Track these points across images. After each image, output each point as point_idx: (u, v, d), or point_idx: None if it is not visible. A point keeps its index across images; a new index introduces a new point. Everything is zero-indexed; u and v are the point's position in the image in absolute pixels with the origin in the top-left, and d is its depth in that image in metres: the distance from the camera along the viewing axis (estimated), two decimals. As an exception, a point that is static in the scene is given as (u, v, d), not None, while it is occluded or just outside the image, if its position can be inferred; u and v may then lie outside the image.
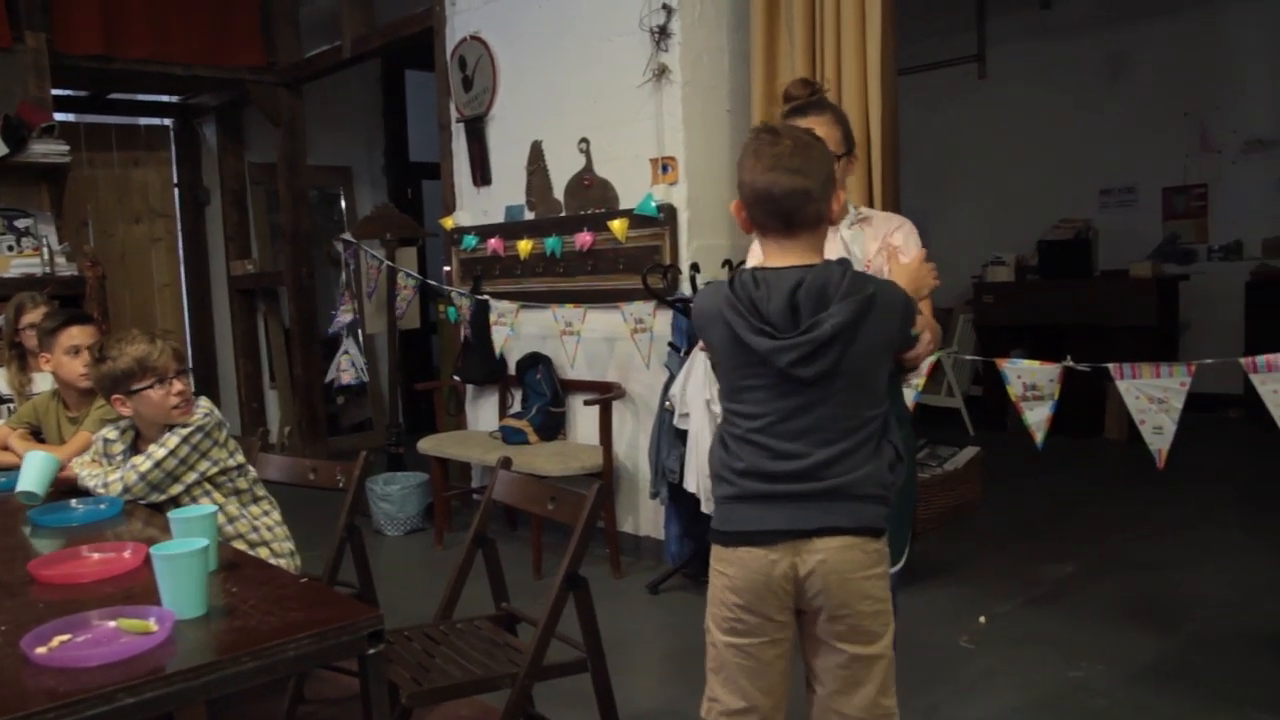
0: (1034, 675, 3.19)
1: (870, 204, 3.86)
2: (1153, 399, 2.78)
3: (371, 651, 1.66)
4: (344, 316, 5.68)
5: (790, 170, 1.75)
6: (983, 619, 3.64)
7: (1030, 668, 3.24)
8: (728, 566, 1.82)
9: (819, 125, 2.15)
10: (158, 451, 2.57)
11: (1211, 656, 3.29)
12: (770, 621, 1.81)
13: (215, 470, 2.65)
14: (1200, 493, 5.25)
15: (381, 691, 1.70)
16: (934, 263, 2.24)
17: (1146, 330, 6.61)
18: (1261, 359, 2.63)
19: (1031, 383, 2.96)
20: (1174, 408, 2.75)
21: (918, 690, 3.09)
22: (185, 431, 2.59)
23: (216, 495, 2.67)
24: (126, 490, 2.54)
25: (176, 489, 2.59)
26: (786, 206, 1.76)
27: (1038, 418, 2.96)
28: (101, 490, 2.56)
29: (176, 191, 7.49)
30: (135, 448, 2.71)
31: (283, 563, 2.74)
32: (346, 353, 5.67)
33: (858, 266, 2.12)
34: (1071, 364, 2.99)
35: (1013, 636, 3.50)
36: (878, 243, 2.33)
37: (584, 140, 4.68)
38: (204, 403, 2.70)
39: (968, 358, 6.70)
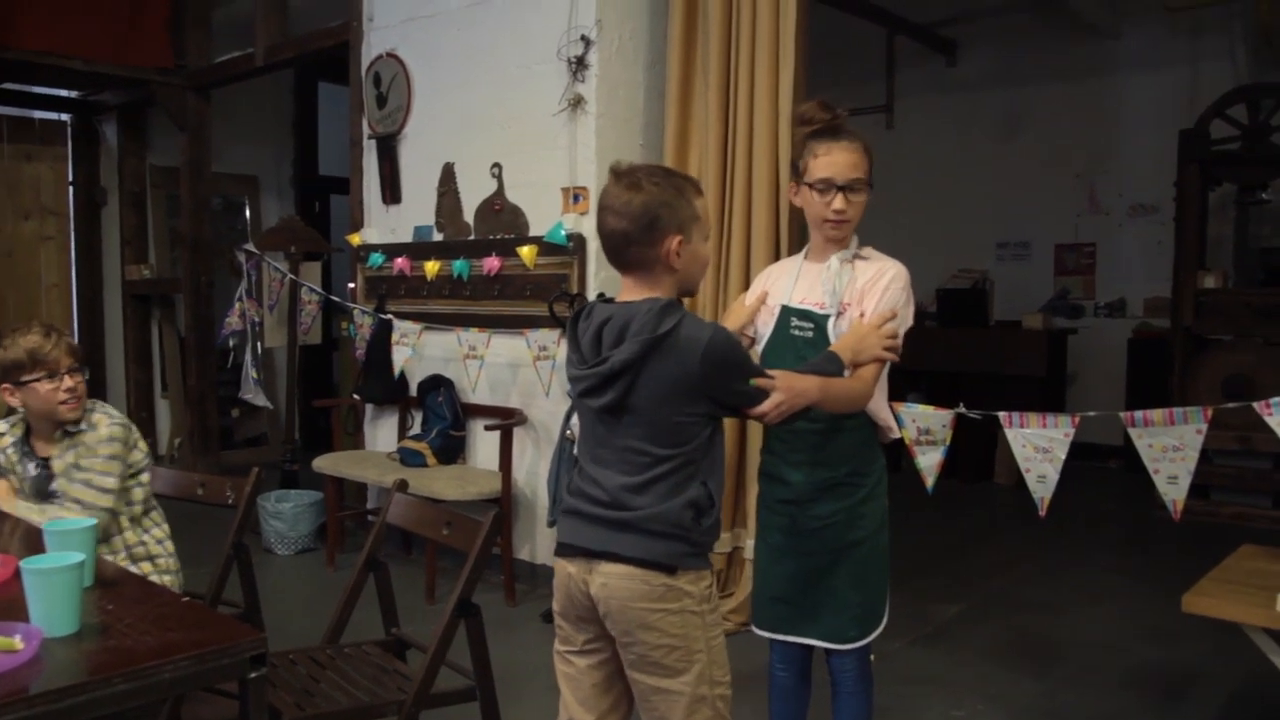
0: (919, 714, 3.25)
1: (776, 246, 3.93)
2: (1038, 448, 2.88)
3: (253, 675, 1.62)
4: (233, 323, 5.56)
5: (613, 212, 1.83)
6: (871, 658, 3.69)
7: (916, 706, 3.30)
8: (554, 576, 1.97)
9: (851, 152, 2.20)
10: (102, 465, 2.62)
11: (1083, 694, 3.41)
12: (580, 633, 1.93)
13: (129, 471, 2.68)
14: (1080, 537, 5.45)
15: (262, 717, 1.66)
16: (896, 330, 2.16)
17: (1036, 380, 6.85)
18: (1139, 414, 2.75)
19: (925, 427, 3.04)
20: (1057, 457, 2.86)
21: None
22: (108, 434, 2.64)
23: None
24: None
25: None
26: (610, 246, 1.87)
27: (930, 462, 3.04)
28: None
29: (71, 190, 7.23)
30: (27, 442, 2.63)
31: (166, 580, 2.66)
32: (253, 367, 5.57)
33: (833, 303, 2.22)
34: (964, 411, 3.08)
35: (900, 675, 3.56)
36: (863, 280, 2.24)
37: (496, 165, 4.67)
38: (105, 408, 2.70)
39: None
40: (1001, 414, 2.93)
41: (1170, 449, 2.68)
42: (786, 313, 2.29)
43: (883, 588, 2.37)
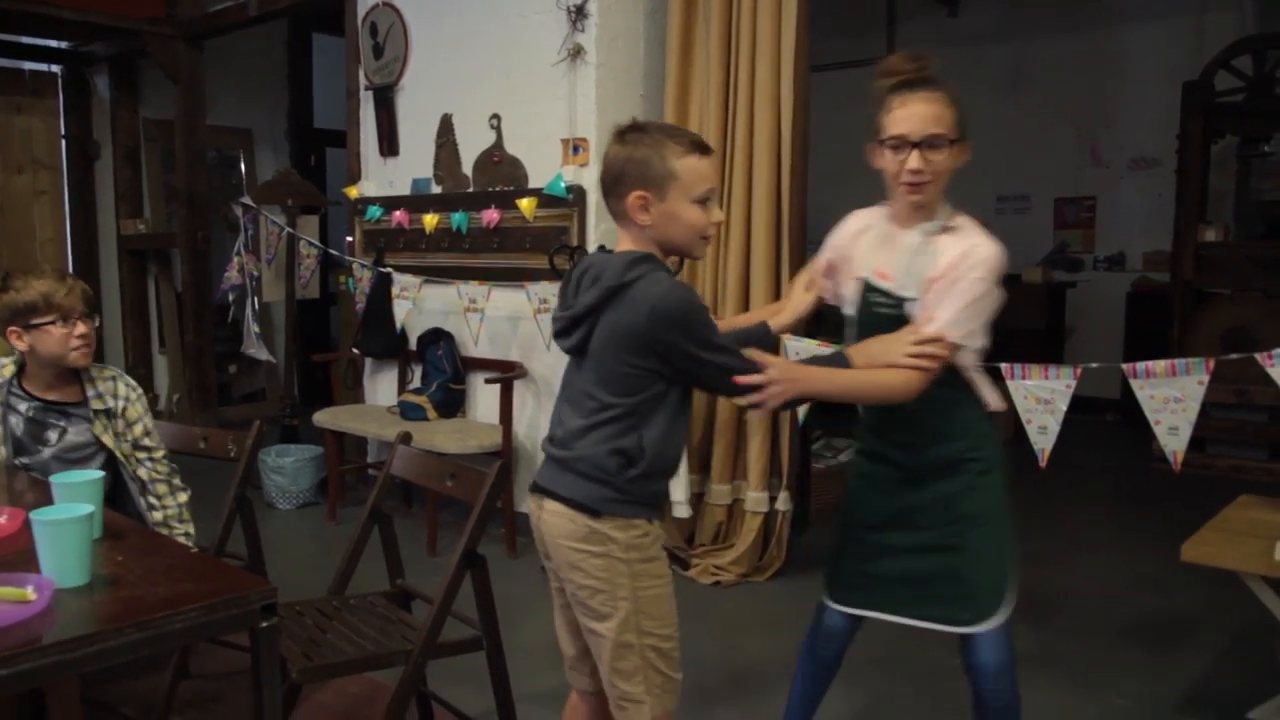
0: (915, 663, 3.28)
1: (778, 198, 3.91)
2: (1040, 399, 2.88)
3: (264, 625, 1.63)
4: (232, 277, 5.55)
5: (604, 163, 1.91)
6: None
7: (912, 655, 3.33)
8: None
9: (930, 103, 1.98)
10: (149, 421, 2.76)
11: (1080, 644, 3.45)
12: (550, 570, 2.00)
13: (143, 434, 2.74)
14: (1078, 490, 5.49)
15: (274, 666, 1.67)
16: (941, 347, 1.95)
17: (1036, 333, 6.85)
18: (1141, 365, 2.75)
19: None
20: (1059, 409, 2.87)
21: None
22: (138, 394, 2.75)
23: (143, 471, 2.72)
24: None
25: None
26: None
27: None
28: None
29: (64, 143, 7.15)
30: (19, 382, 2.62)
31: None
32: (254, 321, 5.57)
33: (914, 281, 2.00)
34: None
35: (898, 629, 3.59)
36: (947, 258, 1.99)
37: (495, 116, 4.63)
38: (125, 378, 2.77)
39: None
40: (1003, 365, 2.92)
41: (1171, 400, 2.68)
42: (868, 287, 2.11)
43: (1004, 568, 2.14)
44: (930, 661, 3.23)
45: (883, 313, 2.06)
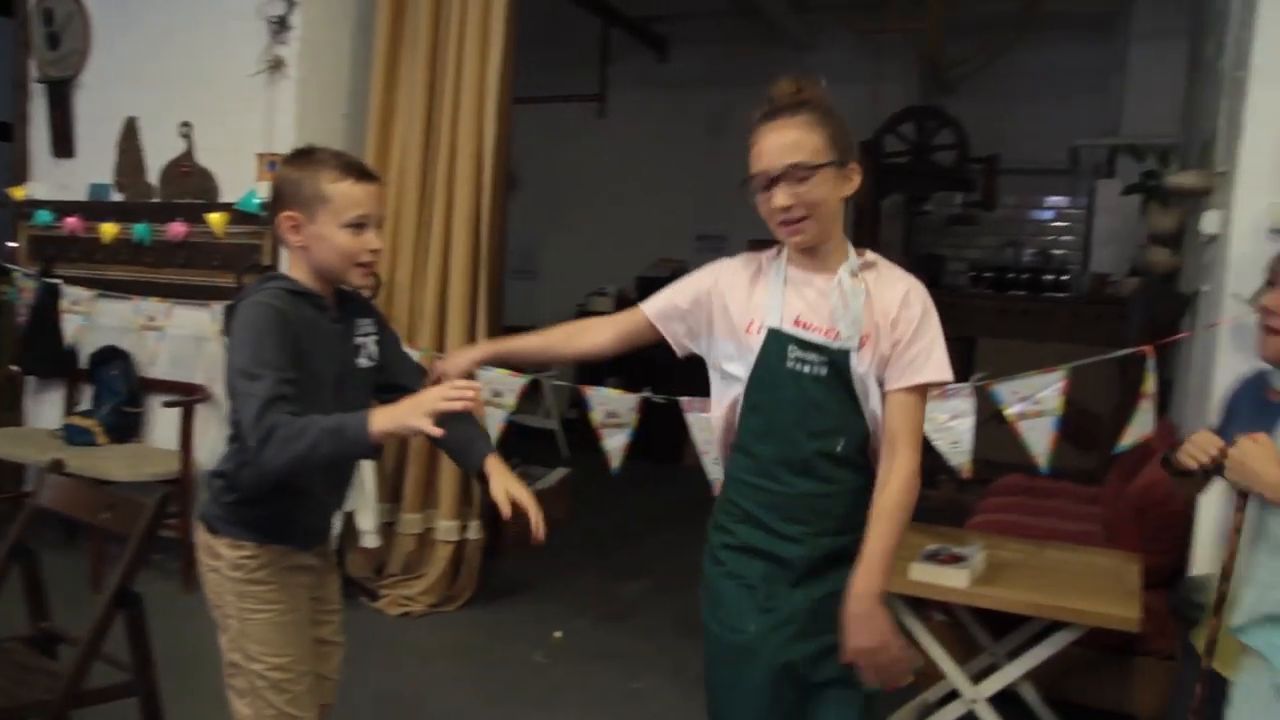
0: (599, 688, 3.38)
1: (477, 224, 3.93)
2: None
3: None
4: None
5: None
6: (558, 634, 3.81)
7: (597, 681, 3.43)
8: None
9: (786, 130, 1.74)
10: None
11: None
12: None
13: None
14: None
15: None
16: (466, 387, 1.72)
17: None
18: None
19: (612, 410, 3.15)
20: (731, 441, 3.05)
21: (493, 703, 3.20)
22: None
23: None
24: None
25: None
26: None
27: (616, 444, 3.16)
28: None
29: None
30: None
31: None
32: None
33: (854, 332, 1.74)
34: (649, 395, 3.23)
35: (585, 651, 3.68)
36: (883, 304, 1.77)
37: (186, 124, 4.37)
38: None
39: (560, 383, 6.98)
40: (682, 399, 3.08)
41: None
42: (780, 340, 1.77)
43: None
44: None
45: (803, 372, 1.76)
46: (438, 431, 1.65)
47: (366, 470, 3.89)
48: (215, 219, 4.19)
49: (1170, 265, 4.46)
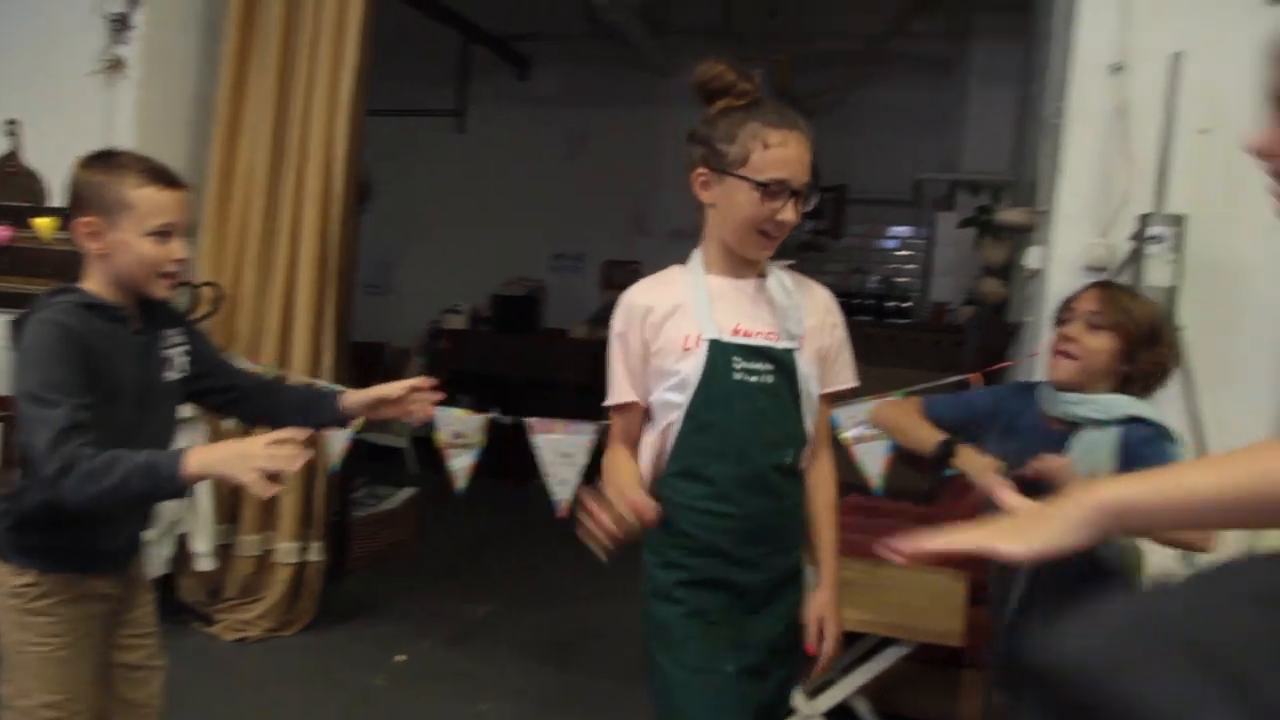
0: (443, 711, 3.33)
1: (325, 239, 3.85)
2: (562, 454, 3.07)
3: None
4: None
5: None
6: (401, 657, 3.74)
7: (441, 704, 3.38)
8: None
9: (806, 148, 1.69)
10: None
11: (599, 680, 3.67)
12: None
13: None
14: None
15: None
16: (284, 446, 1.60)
17: (582, 388, 7.27)
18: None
19: (459, 430, 3.13)
20: (579, 463, 3.07)
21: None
22: None
23: None
24: None
25: None
26: None
27: (462, 464, 3.13)
28: None
29: None
30: None
31: None
32: None
33: (796, 327, 1.74)
34: (496, 416, 3.22)
35: (429, 674, 3.62)
36: (811, 306, 1.80)
37: (13, 122, 4.14)
38: None
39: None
40: (529, 420, 3.08)
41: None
42: (724, 350, 1.71)
43: None
44: None
45: (751, 382, 1.71)
46: (268, 493, 1.55)
47: (203, 491, 3.74)
48: (42, 224, 3.97)
49: (1000, 296, 4.71)
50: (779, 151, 1.67)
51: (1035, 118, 4.18)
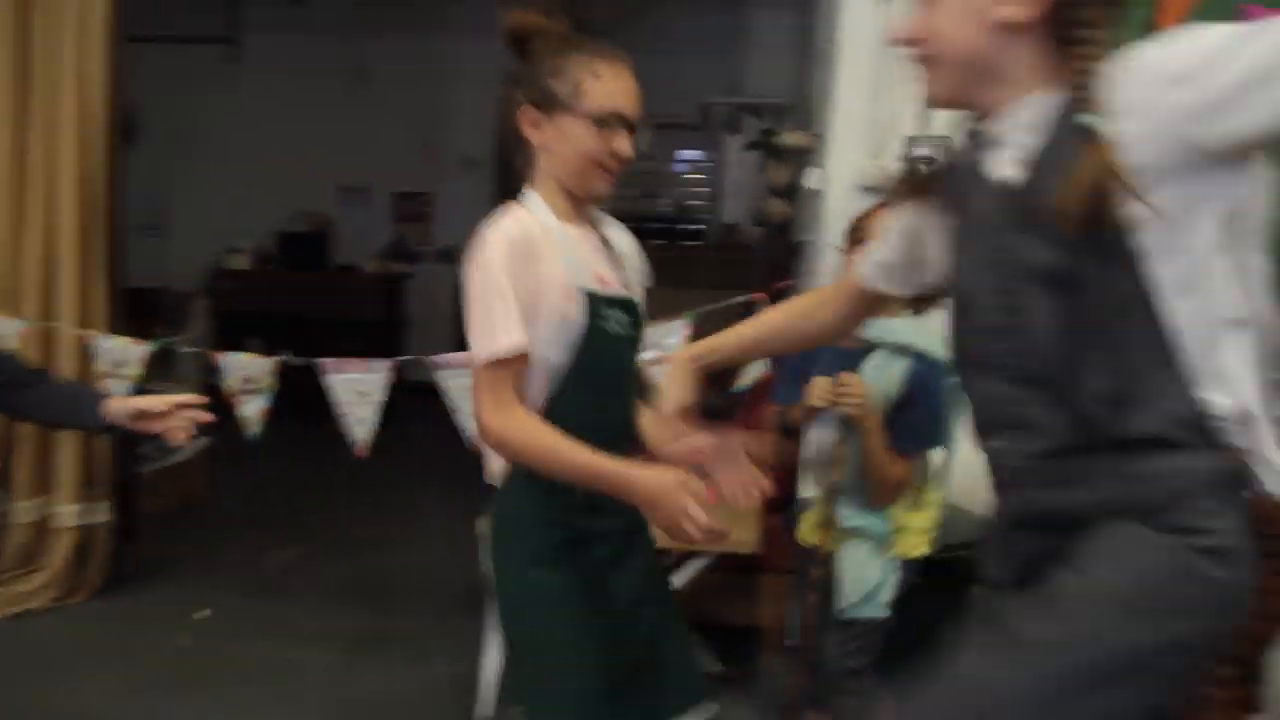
0: (254, 663, 3.26)
1: (85, 180, 3.58)
2: (358, 392, 3.01)
3: None
4: None
5: None
6: (204, 613, 3.62)
7: (251, 656, 3.31)
8: None
9: (632, 80, 1.67)
10: None
11: (414, 620, 3.67)
12: None
13: None
14: (410, 475, 5.70)
15: None
16: None
17: (376, 324, 7.12)
18: (446, 357, 3.01)
19: (248, 375, 3.02)
20: (375, 400, 3.02)
21: (134, 695, 3.01)
22: None
23: None
24: None
25: None
26: None
27: (254, 409, 3.03)
28: None
29: None
30: None
31: None
32: None
33: (637, 277, 1.75)
34: (286, 358, 3.11)
35: (236, 627, 3.53)
36: (628, 252, 1.81)
37: None
38: None
39: (189, 349, 6.56)
40: (322, 360, 3.01)
41: (470, 388, 2.95)
42: (596, 302, 1.65)
43: None
44: None
45: (620, 332, 1.67)
46: None
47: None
48: None
49: (785, 216, 4.89)
50: (611, 83, 1.64)
51: (814, 44, 4.32)
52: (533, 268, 1.61)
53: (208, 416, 1.95)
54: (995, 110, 1.25)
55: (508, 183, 6.12)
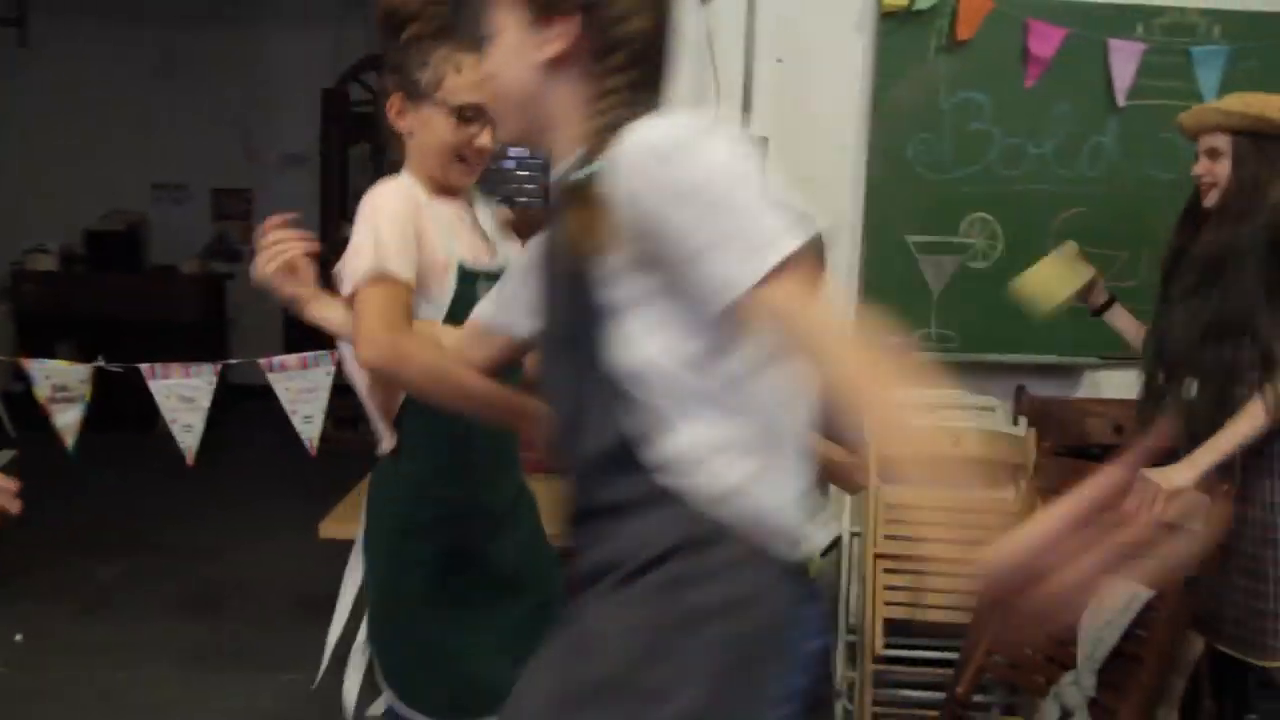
0: (85, 685, 3.13)
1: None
2: (183, 398, 2.91)
3: None
4: None
5: None
6: (19, 637, 3.44)
7: (81, 678, 3.18)
8: None
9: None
10: None
11: (255, 631, 3.60)
12: None
13: None
14: (243, 480, 5.56)
15: None
16: None
17: (195, 326, 6.85)
18: (276, 360, 2.95)
19: (61, 383, 2.88)
20: (201, 406, 2.92)
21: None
22: None
23: None
24: None
25: None
26: None
27: (69, 419, 2.89)
28: None
29: None
30: None
31: None
32: None
33: (505, 250, 1.75)
34: (103, 364, 2.98)
35: (58, 649, 3.38)
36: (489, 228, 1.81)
37: None
38: None
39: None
40: (143, 365, 2.90)
41: (304, 391, 2.92)
42: (469, 277, 1.66)
43: None
44: None
45: None
46: None
47: None
48: None
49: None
50: (473, 76, 1.62)
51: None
52: (419, 225, 1.62)
53: (17, 505, 1.67)
54: (555, 152, 1.21)
55: (331, 179, 6.09)
